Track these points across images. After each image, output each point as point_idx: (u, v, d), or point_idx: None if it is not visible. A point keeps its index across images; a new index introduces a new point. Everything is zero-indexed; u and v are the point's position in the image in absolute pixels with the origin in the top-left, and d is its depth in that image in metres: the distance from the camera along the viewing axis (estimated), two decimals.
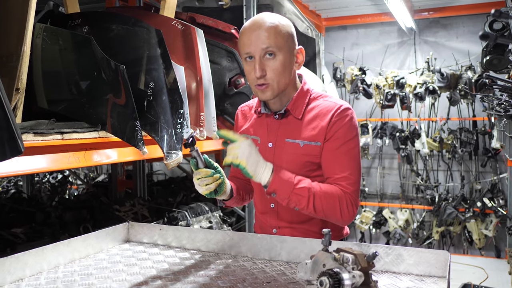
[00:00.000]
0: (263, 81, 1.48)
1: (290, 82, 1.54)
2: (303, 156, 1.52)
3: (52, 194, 5.51)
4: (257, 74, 1.47)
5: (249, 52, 1.48)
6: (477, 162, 5.86)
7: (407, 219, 6.02)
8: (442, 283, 1.23)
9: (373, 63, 6.35)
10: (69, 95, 1.99)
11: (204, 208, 3.44)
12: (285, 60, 1.49)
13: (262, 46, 1.46)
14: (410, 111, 5.94)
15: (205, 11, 3.88)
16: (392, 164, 6.45)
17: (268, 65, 1.47)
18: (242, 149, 1.39)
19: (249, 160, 1.39)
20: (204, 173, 1.43)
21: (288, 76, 1.52)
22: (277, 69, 1.47)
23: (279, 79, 1.49)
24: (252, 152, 1.40)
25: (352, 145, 1.51)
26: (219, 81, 2.61)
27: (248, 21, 1.52)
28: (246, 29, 1.50)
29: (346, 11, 6.03)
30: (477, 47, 5.67)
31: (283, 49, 1.48)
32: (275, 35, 1.46)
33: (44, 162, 1.72)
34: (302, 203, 1.43)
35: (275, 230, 1.62)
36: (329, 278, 0.99)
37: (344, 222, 1.49)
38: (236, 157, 1.39)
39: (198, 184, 1.44)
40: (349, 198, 1.47)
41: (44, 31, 2.00)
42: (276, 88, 1.50)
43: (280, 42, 1.47)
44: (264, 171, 1.41)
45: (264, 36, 1.46)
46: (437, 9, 5.86)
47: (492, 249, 5.69)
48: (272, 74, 1.48)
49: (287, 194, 1.42)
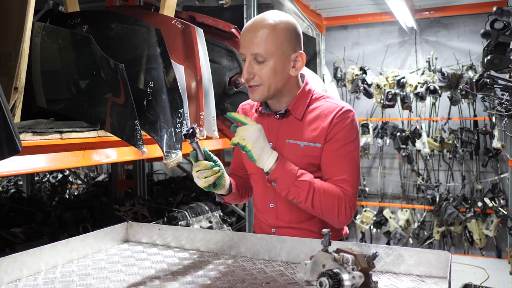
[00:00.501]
0: (252, 82, 1.48)
1: (285, 85, 1.52)
2: (303, 157, 1.51)
3: (52, 193, 5.50)
4: (244, 76, 1.48)
5: (242, 54, 1.49)
6: (478, 162, 5.84)
7: (408, 219, 6.00)
8: (443, 283, 1.22)
9: (373, 63, 6.33)
10: (68, 94, 1.98)
11: (204, 208, 3.43)
12: (275, 66, 1.46)
13: (252, 51, 1.45)
14: (411, 111, 5.93)
15: (205, 10, 3.87)
16: (393, 164, 6.44)
17: (258, 69, 1.47)
18: (251, 132, 1.39)
19: (255, 144, 1.39)
20: (203, 166, 1.42)
21: (280, 80, 1.49)
22: (265, 74, 1.46)
23: (269, 83, 1.48)
24: (260, 137, 1.40)
25: (352, 147, 1.50)
26: (219, 81, 2.61)
27: (249, 20, 1.51)
28: (245, 29, 1.50)
29: (346, 10, 6.02)
30: (478, 47, 5.66)
31: (275, 55, 1.45)
32: (266, 41, 1.43)
33: (43, 161, 1.71)
34: (301, 196, 1.42)
35: (273, 229, 1.61)
36: (329, 279, 0.98)
37: (340, 223, 1.48)
38: (243, 139, 1.39)
39: (197, 176, 1.44)
40: (348, 200, 1.46)
41: (43, 30, 1.99)
42: (266, 92, 1.49)
43: (270, 48, 1.44)
44: (268, 158, 1.41)
45: (255, 40, 1.44)
46: (438, 8, 5.85)
47: (493, 249, 5.68)
48: (260, 78, 1.47)
49: (288, 184, 1.42)
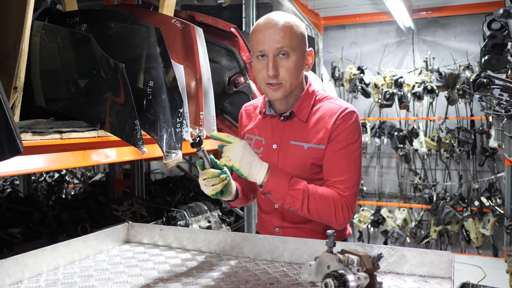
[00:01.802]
0: (275, 80, 1.46)
1: (299, 83, 1.53)
2: (307, 158, 1.51)
3: (49, 193, 5.48)
4: (269, 73, 1.45)
5: (263, 50, 1.46)
6: (475, 161, 5.86)
7: (405, 218, 6.02)
8: (446, 284, 1.22)
9: (371, 62, 6.34)
10: (67, 94, 1.97)
11: (203, 207, 3.43)
12: (297, 61, 1.47)
13: (277, 45, 1.44)
14: (408, 110, 5.94)
15: (204, 9, 3.87)
16: (390, 163, 6.45)
17: (282, 65, 1.46)
18: (235, 150, 1.38)
19: (242, 161, 1.38)
20: (211, 174, 1.41)
21: (298, 77, 1.50)
22: (290, 69, 1.46)
23: (291, 80, 1.47)
24: (246, 153, 1.39)
25: (353, 148, 1.49)
26: (218, 80, 2.60)
27: (261, 19, 1.49)
28: (261, 26, 1.47)
29: (344, 10, 6.02)
30: (475, 47, 5.67)
31: (297, 49, 1.47)
32: (290, 35, 1.45)
33: (42, 161, 1.70)
34: (296, 204, 1.43)
35: (277, 229, 1.61)
36: (334, 280, 0.98)
37: (339, 225, 1.48)
38: (229, 160, 1.39)
39: (204, 184, 1.43)
40: (345, 201, 1.46)
41: (42, 29, 1.98)
42: (288, 89, 1.48)
43: (294, 42, 1.46)
44: (259, 171, 1.41)
45: (279, 35, 1.44)
46: (436, 8, 5.85)
47: (489, 248, 5.70)
48: (285, 74, 1.46)
49: (282, 195, 1.42)
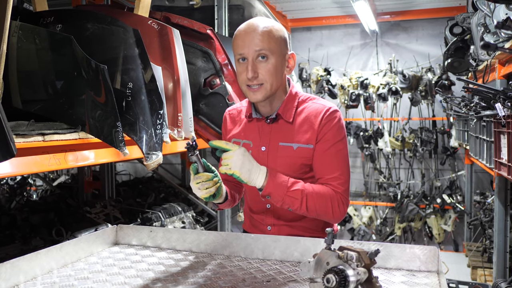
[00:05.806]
0: (255, 82, 1.51)
1: (281, 86, 1.58)
2: (296, 158, 1.55)
3: (11, 196, 5.29)
4: (248, 75, 1.49)
5: (243, 54, 1.51)
6: (437, 160, 6.10)
7: (371, 216, 6.19)
8: (433, 277, 1.29)
9: (337, 64, 6.48)
10: (46, 95, 1.94)
11: (177, 208, 3.42)
12: (277, 64, 1.52)
13: (256, 48, 1.49)
14: (373, 111, 6.11)
15: (175, 10, 3.84)
16: (356, 163, 6.61)
17: (261, 67, 1.50)
18: (234, 158, 1.41)
19: (242, 169, 1.41)
20: (205, 177, 1.43)
21: (279, 79, 1.55)
22: (269, 71, 1.50)
23: (272, 81, 1.52)
24: (245, 161, 1.42)
25: (341, 146, 1.56)
26: (194, 82, 2.60)
27: (243, 24, 1.55)
28: (241, 31, 1.53)
29: (311, 12, 6.14)
30: (436, 50, 5.91)
31: (276, 52, 1.51)
32: (268, 39, 1.50)
33: (24, 164, 1.67)
34: (295, 204, 1.47)
35: (269, 227, 1.65)
36: (335, 275, 1.02)
37: (336, 220, 1.54)
38: (229, 168, 1.42)
39: (198, 188, 1.45)
40: (340, 197, 1.52)
41: (20, 30, 1.93)
42: (268, 90, 1.53)
43: (273, 46, 1.50)
44: (258, 176, 1.44)
45: (258, 39, 1.49)
46: (399, 12, 6.06)
47: (451, 244, 5.95)
48: (265, 75, 1.50)
49: (281, 196, 1.46)
